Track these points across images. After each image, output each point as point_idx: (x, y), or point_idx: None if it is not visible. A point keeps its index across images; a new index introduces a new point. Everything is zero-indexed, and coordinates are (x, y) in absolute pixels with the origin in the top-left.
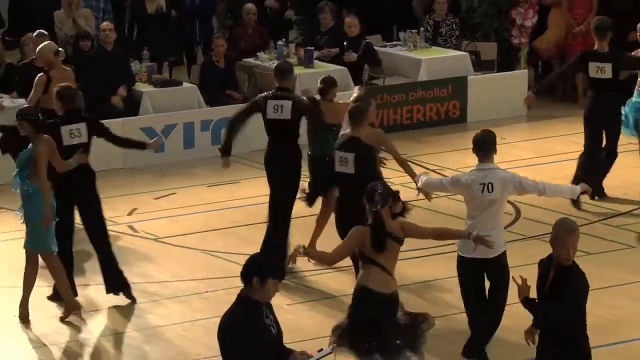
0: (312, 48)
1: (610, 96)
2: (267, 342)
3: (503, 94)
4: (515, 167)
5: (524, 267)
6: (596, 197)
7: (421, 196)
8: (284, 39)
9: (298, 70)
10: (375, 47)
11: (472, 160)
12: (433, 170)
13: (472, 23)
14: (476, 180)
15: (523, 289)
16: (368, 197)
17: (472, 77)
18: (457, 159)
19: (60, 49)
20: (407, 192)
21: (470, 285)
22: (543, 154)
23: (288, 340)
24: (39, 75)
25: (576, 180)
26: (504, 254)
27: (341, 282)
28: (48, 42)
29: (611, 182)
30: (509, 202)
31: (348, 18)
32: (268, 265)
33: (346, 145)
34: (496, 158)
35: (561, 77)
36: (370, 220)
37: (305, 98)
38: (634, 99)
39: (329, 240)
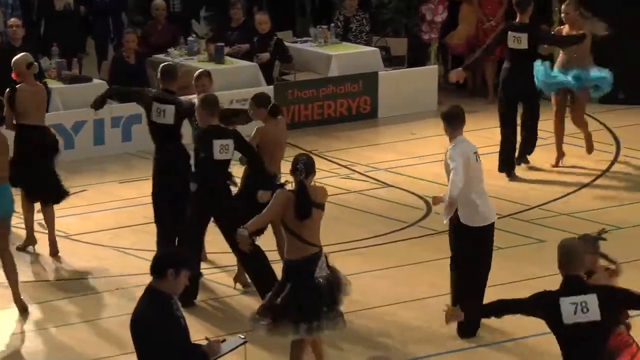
0: (223, 44)
1: (525, 67)
2: (180, 334)
3: (413, 89)
4: (426, 162)
5: (436, 262)
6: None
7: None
8: (194, 35)
9: (209, 67)
10: (285, 43)
11: (383, 155)
12: (344, 166)
13: (383, 19)
14: (469, 151)
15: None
16: (292, 167)
17: (382, 72)
18: (369, 154)
19: (34, 62)
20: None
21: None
22: None
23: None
24: (6, 90)
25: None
26: None
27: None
28: (24, 53)
29: (520, 176)
30: (419, 197)
31: (258, 15)
32: (182, 257)
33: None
34: (406, 153)
35: (487, 51)
36: (295, 190)
37: (186, 101)
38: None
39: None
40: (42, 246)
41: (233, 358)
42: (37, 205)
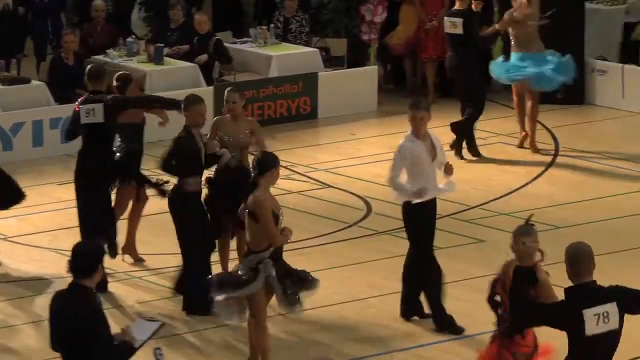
0: (162, 45)
1: (463, 51)
2: (105, 324)
3: (353, 90)
4: (366, 162)
5: (376, 262)
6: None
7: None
8: (133, 36)
9: (148, 68)
10: (225, 44)
11: (323, 156)
12: (285, 167)
13: (322, 19)
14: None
15: None
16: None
17: (322, 73)
18: (309, 154)
19: None
20: None
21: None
22: (393, 149)
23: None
24: None
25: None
26: None
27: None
28: None
29: (460, 176)
30: (359, 197)
31: (198, 15)
32: (102, 251)
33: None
34: (346, 153)
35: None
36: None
37: (111, 96)
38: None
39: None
40: None
41: None
42: None
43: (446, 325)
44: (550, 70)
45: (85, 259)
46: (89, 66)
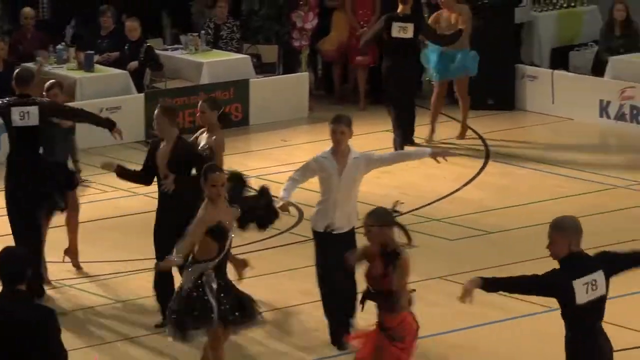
0: (93, 52)
1: (409, 54)
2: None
3: (285, 96)
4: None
5: (308, 269)
6: None
7: None
8: (63, 43)
9: (78, 75)
10: (156, 51)
11: (255, 162)
12: None
13: (253, 26)
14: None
15: None
16: None
17: (253, 79)
18: (240, 161)
19: None
20: None
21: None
22: None
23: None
24: None
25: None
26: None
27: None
28: None
29: (391, 182)
30: (291, 202)
31: (128, 22)
32: (30, 257)
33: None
34: (278, 160)
35: (376, 36)
36: None
37: (45, 99)
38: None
39: None
40: None
41: None
42: None
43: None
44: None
45: (15, 265)
46: (16, 70)
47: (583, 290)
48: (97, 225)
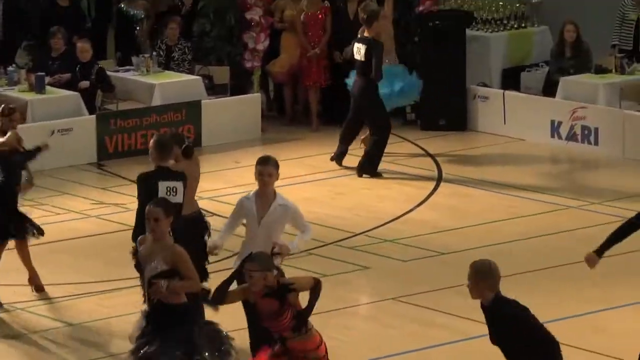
0: (44, 74)
1: (365, 78)
2: None
3: (237, 117)
4: (251, 190)
5: None
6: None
7: None
8: (14, 65)
9: (29, 97)
10: (108, 72)
11: (208, 184)
12: None
13: (205, 47)
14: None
15: None
16: None
17: (205, 101)
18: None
19: None
20: None
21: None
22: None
23: None
24: None
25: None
26: None
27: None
28: None
29: (344, 204)
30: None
31: (80, 43)
32: None
33: None
34: (231, 181)
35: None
36: None
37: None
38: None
39: None
40: None
41: None
42: None
43: None
44: (398, 91)
45: None
46: None
47: None
48: (48, 248)
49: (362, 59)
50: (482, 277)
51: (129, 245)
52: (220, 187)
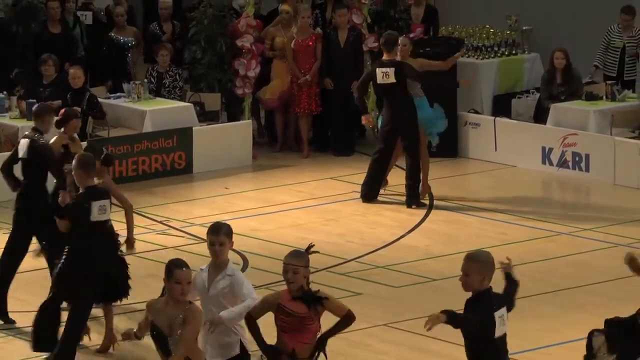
0: (35, 100)
1: (398, 101)
2: None
3: (228, 144)
4: (240, 217)
5: None
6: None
7: None
8: (5, 92)
9: (20, 124)
10: (99, 99)
11: (199, 210)
12: (160, 222)
13: (196, 74)
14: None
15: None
16: None
17: (197, 127)
18: (184, 209)
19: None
20: None
21: None
22: (268, 203)
23: None
24: None
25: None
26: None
27: None
28: None
29: (335, 230)
30: (235, 251)
31: (72, 69)
32: None
33: None
34: (221, 208)
35: (362, 86)
36: None
37: None
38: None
39: None
40: None
41: None
42: None
43: None
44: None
45: None
46: None
47: (500, 323)
48: (40, 275)
49: (393, 82)
50: (489, 266)
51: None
52: (211, 213)
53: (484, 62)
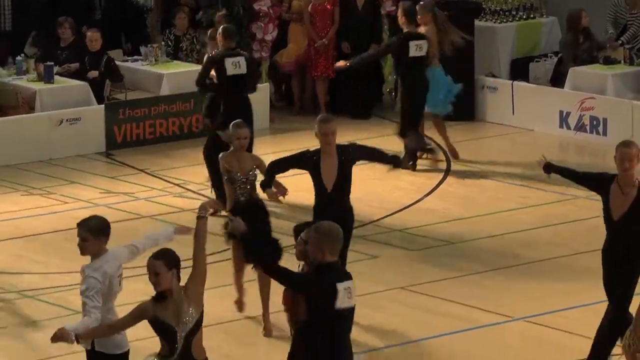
0: (52, 63)
1: (422, 72)
2: None
3: None
4: (257, 179)
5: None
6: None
7: None
8: (22, 54)
9: (38, 86)
10: (116, 62)
11: None
12: (177, 185)
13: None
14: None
15: None
16: None
17: None
18: (202, 172)
19: None
20: None
21: None
22: None
23: None
24: None
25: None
26: None
27: None
28: None
29: (353, 193)
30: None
31: (90, 32)
32: None
33: None
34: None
35: (375, 56)
36: None
37: None
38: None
39: None
40: None
41: None
42: None
43: None
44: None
45: None
46: None
47: (343, 295)
48: (59, 236)
49: (425, 54)
50: (331, 239)
51: (137, 234)
52: None
53: (502, 26)
